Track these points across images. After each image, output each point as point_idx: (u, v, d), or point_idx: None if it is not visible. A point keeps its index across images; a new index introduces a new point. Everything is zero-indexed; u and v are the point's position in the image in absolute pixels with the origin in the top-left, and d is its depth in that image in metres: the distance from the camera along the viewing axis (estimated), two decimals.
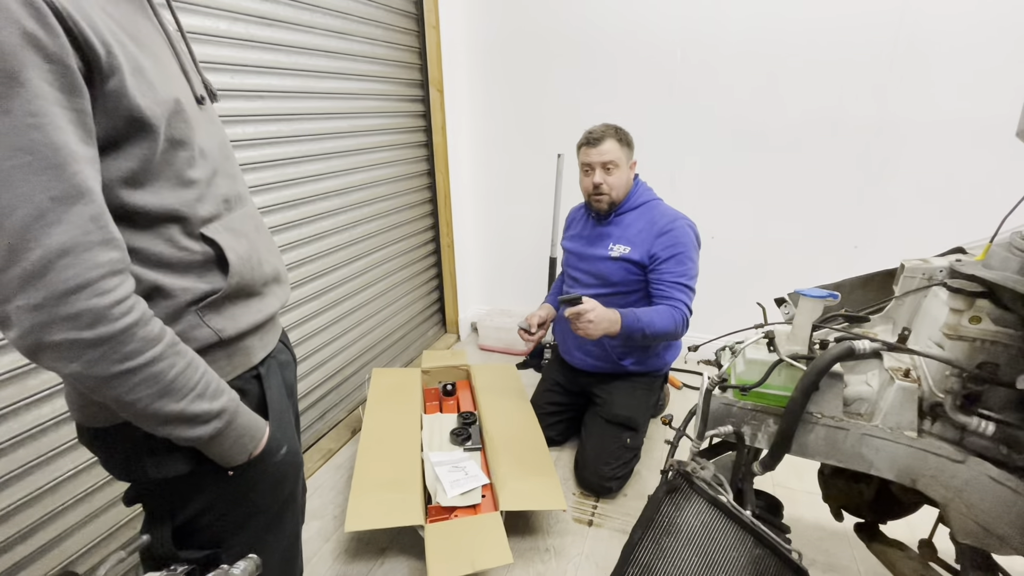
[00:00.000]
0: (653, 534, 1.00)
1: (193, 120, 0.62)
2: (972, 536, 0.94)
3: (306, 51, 1.80)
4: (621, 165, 1.73)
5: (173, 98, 0.59)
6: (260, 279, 0.73)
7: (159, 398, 0.58)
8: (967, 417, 0.89)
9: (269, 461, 0.72)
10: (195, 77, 0.68)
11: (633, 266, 1.74)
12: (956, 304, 0.88)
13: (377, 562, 1.52)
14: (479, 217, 3.00)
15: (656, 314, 1.66)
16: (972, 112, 2.04)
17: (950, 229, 2.13)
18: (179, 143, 0.60)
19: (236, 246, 0.67)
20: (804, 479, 1.76)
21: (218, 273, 0.66)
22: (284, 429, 0.76)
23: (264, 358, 0.76)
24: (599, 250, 1.81)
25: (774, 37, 2.19)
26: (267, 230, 0.83)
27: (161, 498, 0.70)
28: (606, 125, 1.76)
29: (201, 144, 0.63)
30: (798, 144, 2.29)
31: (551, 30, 2.51)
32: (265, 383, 0.76)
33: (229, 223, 0.68)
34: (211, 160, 0.65)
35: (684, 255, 1.70)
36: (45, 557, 1.20)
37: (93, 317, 0.51)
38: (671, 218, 1.73)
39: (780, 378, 1.03)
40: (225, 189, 0.68)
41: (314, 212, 1.92)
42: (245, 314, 0.71)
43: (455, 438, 1.80)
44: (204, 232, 0.64)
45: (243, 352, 0.72)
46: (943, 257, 1.07)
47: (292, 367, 0.90)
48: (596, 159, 1.73)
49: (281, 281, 0.82)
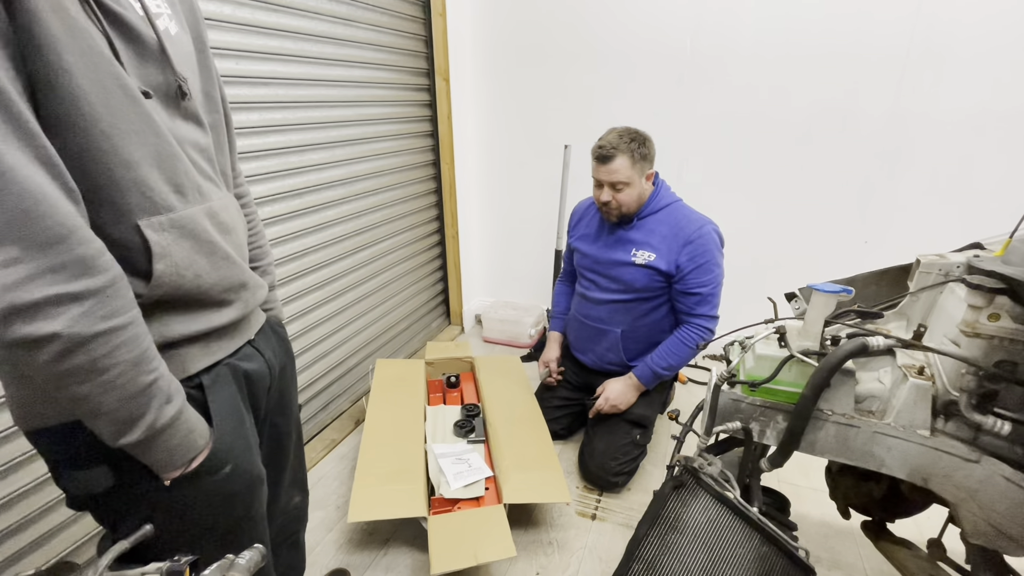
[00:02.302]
0: (659, 530, 0.99)
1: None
2: (984, 537, 0.92)
3: (312, 38, 1.78)
4: (633, 183, 1.63)
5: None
6: (212, 288, 0.68)
7: (135, 366, 0.55)
8: (982, 416, 0.87)
9: (208, 479, 0.67)
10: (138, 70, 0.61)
11: (658, 274, 1.70)
12: (974, 301, 0.86)
13: (380, 553, 1.52)
14: (484, 208, 2.98)
15: (670, 351, 1.72)
16: (987, 107, 2.00)
17: (961, 226, 2.10)
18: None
19: (173, 251, 0.61)
20: (810, 476, 1.75)
21: (141, 279, 0.60)
22: (231, 446, 0.70)
23: (211, 366, 0.70)
24: (620, 255, 1.75)
25: (786, 27, 2.15)
26: (243, 228, 0.78)
27: (96, 510, 0.67)
28: (620, 135, 1.62)
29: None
30: (809, 138, 2.26)
31: (559, 20, 2.48)
32: (209, 394, 0.69)
33: (177, 221, 0.63)
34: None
35: (710, 263, 1.67)
36: (45, 546, 1.21)
37: (79, 269, 0.49)
38: (697, 225, 1.67)
39: (791, 374, 1.01)
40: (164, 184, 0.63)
41: (318, 201, 1.90)
42: (183, 323, 0.66)
43: (458, 430, 1.80)
44: (140, 226, 0.59)
45: (174, 360, 0.65)
46: (960, 253, 1.05)
47: (268, 378, 0.82)
48: (605, 178, 1.65)
49: (249, 286, 0.76)
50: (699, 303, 1.68)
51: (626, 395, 1.76)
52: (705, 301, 1.68)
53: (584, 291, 1.89)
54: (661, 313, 1.78)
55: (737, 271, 2.50)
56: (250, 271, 0.78)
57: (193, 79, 0.70)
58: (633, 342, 1.82)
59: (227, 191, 0.77)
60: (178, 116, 0.67)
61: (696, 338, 1.70)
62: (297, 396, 0.99)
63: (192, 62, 0.72)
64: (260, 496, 0.78)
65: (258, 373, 0.80)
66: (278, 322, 0.94)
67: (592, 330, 1.86)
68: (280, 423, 0.91)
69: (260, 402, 0.82)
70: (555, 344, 2.05)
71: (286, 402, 0.92)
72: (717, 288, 1.70)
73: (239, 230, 0.77)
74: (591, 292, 1.85)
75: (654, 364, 1.73)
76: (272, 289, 0.94)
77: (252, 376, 0.78)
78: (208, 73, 0.75)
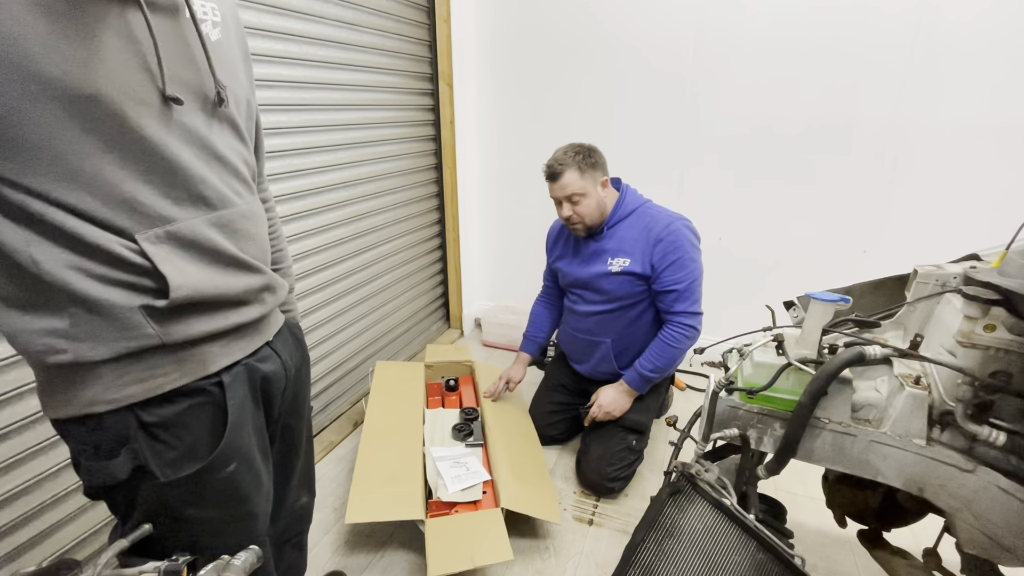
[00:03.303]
0: (655, 535, 0.99)
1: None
2: (979, 547, 0.93)
3: (317, 41, 1.79)
4: (588, 192, 1.66)
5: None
6: (230, 290, 0.69)
7: None
8: (978, 427, 0.88)
9: (214, 475, 0.69)
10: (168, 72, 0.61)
11: (636, 278, 1.71)
12: (971, 312, 0.86)
13: (377, 555, 1.52)
14: (485, 212, 2.99)
15: (656, 353, 1.72)
16: (988, 117, 2.01)
17: (960, 236, 2.11)
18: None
19: (174, 259, 0.63)
20: (807, 484, 1.75)
21: (161, 286, 0.62)
22: (238, 444, 0.71)
23: (230, 365, 0.71)
24: (598, 267, 1.75)
25: (788, 34, 2.17)
26: (264, 233, 0.79)
27: (111, 500, 0.68)
28: (565, 151, 1.66)
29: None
30: (809, 146, 2.27)
31: (561, 26, 2.49)
32: (228, 392, 0.70)
33: (174, 233, 0.63)
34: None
35: (683, 258, 1.66)
36: (45, 542, 1.21)
37: None
38: (665, 222, 1.68)
39: (788, 382, 1.02)
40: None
41: (320, 204, 1.91)
42: (204, 321, 0.66)
43: (457, 433, 1.80)
44: (140, 241, 0.60)
45: (196, 358, 0.67)
46: (957, 263, 1.06)
47: (284, 380, 0.83)
48: (559, 194, 1.67)
49: (270, 288, 0.77)
50: (676, 300, 1.68)
51: (619, 401, 1.76)
52: (682, 297, 1.67)
53: (571, 305, 1.90)
54: (648, 318, 1.78)
55: (735, 278, 2.52)
56: (272, 273, 0.79)
57: (234, 85, 0.71)
58: (625, 351, 1.82)
59: (255, 196, 0.78)
60: (214, 121, 0.68)
61: (678, 335, 1.68)
62: (310, 398, 1.00)
63: (236, 69, 0.73)
64: (261, 493, 0.79)
65: (275, 375, 0.80)
66: (296, 323, 0.95)
67: (584, 343, 1.87)
68: (293, 424, 0.92)
69: (275, 403, 0.83)
70: (521, 365, 2.02)
71: (300, 403, 0.93)
72: (694, 283, 1.69)
73: (261, 236, 0.78)
74: (578, 306, 1.86)
75: (641, 368, 1.73)
76: (291, 291, 0.95)
77: (270, 377, 0.79)
78: (250, 80, 0.77)
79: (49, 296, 0.58)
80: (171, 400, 0.66)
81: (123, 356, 0.61)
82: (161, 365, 0.64)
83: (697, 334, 1.70)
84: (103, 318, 0.59)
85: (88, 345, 0.59)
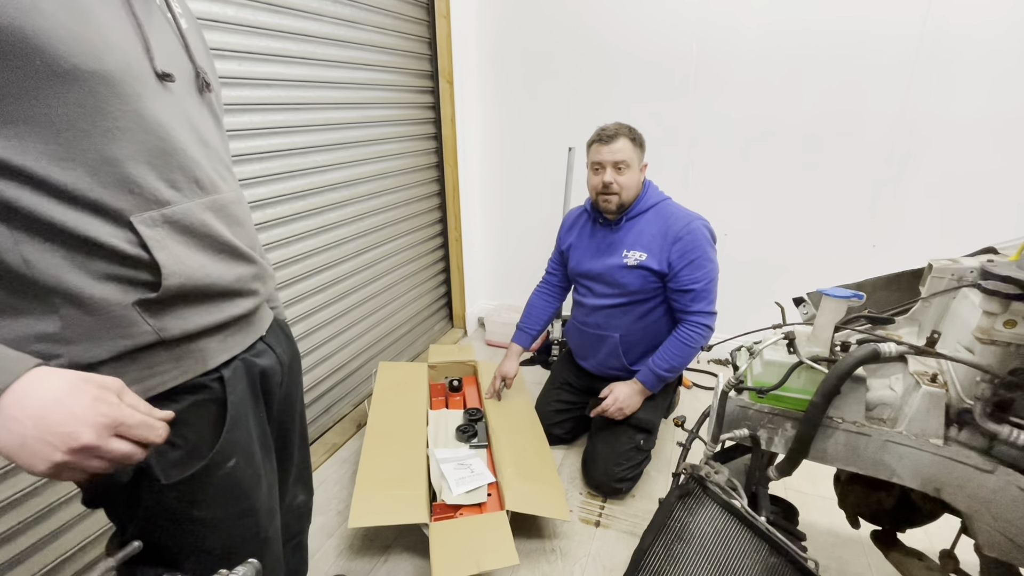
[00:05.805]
0: (664, 539, 0.96)
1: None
2: (998, 549, 0.90)
3: (315, 39, 1.77)
4: (633, 166, 1.67)
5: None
6: (223, 278, 0.68)
7: None
8: (997, 425, 0.85)
9: (214, 472, 0.67)
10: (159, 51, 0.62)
11: (651, 274, 1.69)
12: (990, 307, 0.83)
13: (381, 559, 1.50)
14: (487, 211, 2.97)
15: (671, 352, 1.69)
16: (998, 110, 1.97)
17: (971, 230, 2.08)
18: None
19: (169, 244, 0.61)
20: (818, 484, 1.72)
21: (153, 272, 0.60)
22: (237, 440, 0.70)
23: (228, 360, 0.70)
24: (613, 259, 1.74)
25: (793, 29, 2.13)
26: (251, 221, 0.78)
27: (109, 506, 0.67)
28: (619, 124, 1.70)
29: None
30: (816, 141, 2.24)
31: (563, 23, 2.47)
32: (228, 388, 0.69)
33: (170, 216, 0.62)
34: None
35: (702, 258, 1.65)
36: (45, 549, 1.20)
37: None
38: (685, 221, 1.67)
39: (799, 381, 0.99)
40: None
41: (321, 204, 1.89)
42: (200, 314, 0.65)
43: (461, 435, 1.78)
44: (136, 224, 0.58)
45: (194, 355, 0.66)
46: (973, 257, 1.03)
47: (279, 374, 0.82)
48: (608, 157, 1.66)
49: (260, 276, 0.76)
50: (694, 299, 1.66)
51: (632, 399, 1.74)
52: (700, 297, 1.66)
53: (580, 298, 1.87)
54: (658, 315, 1.76)
55: (742, 275, 2.49)
56: (262, 262, 0.78)
57: (210, 73, 0.72)
58: (633, 346, 1.80)
59: (238, 184, 0.78)
60: (203, 106, 0.68)
61: (695, 335, 1.67)
62: (303, 393, 0.99)
63: (207, 58, 0.73)
64: (262, 488, 0.78)
65: (272, 369, 0.80)
66: (283, 321, 0.94)
67: (591, 337, 1.85)
68: (286, 420, 0.91)
69: (273, 398, 0.83)
70: (513, 359, 1.96)
71: (292, 400, 0.92)
72: (711, 284, 1.68)
73: (250, 223, 0.78)
74: (587, 299, 1.83)
75: (656, 367, 1.71)
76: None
77: (267, 372, 0.79)
78: (215, 73, 0.77)
79: (38, 298, 0.56)
80: (173, 398, 0.64)
81: (120, 356, 0.60)
82: (159, 363, 0.63)
83: (711, 333, 1.68)
84: (97, 317, 0.58)
85: (83, 347, 0.58)
